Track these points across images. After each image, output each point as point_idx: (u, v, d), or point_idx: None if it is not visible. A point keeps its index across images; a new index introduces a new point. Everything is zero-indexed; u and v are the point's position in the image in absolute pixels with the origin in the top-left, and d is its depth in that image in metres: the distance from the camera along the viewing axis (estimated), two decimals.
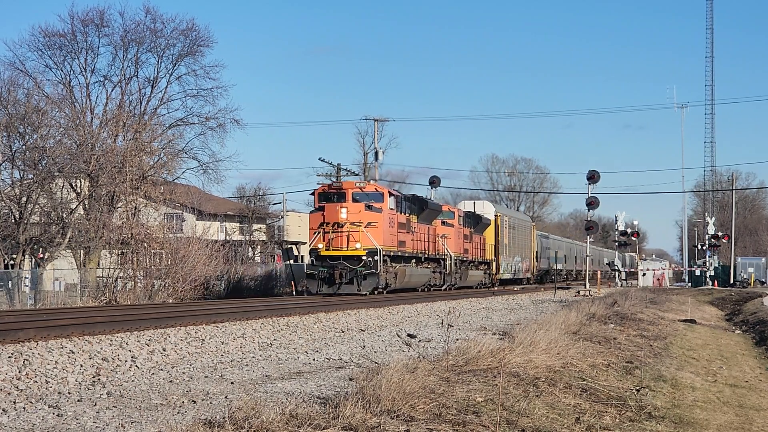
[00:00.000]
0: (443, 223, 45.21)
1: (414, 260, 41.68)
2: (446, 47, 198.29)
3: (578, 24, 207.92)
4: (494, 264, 57.64)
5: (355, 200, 36.11)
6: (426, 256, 43.30)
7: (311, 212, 38.19)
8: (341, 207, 35.52)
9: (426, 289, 44.17)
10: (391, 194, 38.90)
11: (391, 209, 38.18)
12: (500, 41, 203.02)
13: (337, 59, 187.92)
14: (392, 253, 37.96)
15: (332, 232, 35.34)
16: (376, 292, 37.24)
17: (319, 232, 35.40)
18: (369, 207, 36.39)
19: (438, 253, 45.66)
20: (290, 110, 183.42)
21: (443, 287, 44.96)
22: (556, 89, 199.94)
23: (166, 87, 52.18)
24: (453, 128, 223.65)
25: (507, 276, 61.03)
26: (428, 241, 43.98)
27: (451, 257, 46.02)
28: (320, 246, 35.18)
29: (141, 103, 50.50)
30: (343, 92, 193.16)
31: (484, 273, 54.94)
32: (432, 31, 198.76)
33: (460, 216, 48.82)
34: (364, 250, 35.10)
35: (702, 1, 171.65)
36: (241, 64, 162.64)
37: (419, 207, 43.06)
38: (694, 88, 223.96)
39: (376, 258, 34.93)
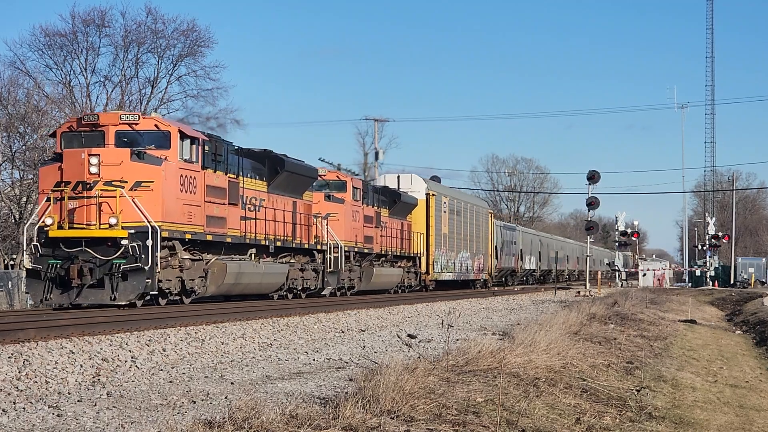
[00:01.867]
0: (328, 197, 33.16)
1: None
2: (446, 47, 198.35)
3: (578, 24, 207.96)
4: (424, 260, 44.16)
5: (122, 143, 22.71)
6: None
7: (41, 165, 25.54)
8: (92, 154, 21.80)
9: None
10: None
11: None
12: (500, 41, 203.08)
13: (338, 59, 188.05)
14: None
15: (73, 198, 21.86)
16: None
17: (50, 199, 21.94)
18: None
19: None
20: (290, 110, 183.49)
21: (325, 292, 32.86)
22: (556, 89, 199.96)
23: (167, 87, 52.19)
24: (453, 128, 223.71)
25: (447, 276, 47.65)
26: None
27: (338, 247, 32.37)
28: (49, 221, 21.77)
29: (141, 103, 50.53)
30: (343, 92, 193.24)
31: (406, 271, 41.82)
32: (432, 31, 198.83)
33: (355, 189, 35.29)
34: (126, 229, 21.44)
35: (702, 1, 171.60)
36: (241, 65, 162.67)
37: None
38: (695, 88, 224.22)
39: (149, 243, 21.44)
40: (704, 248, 78.63)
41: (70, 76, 50.05)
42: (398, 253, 40.48)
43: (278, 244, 29.11)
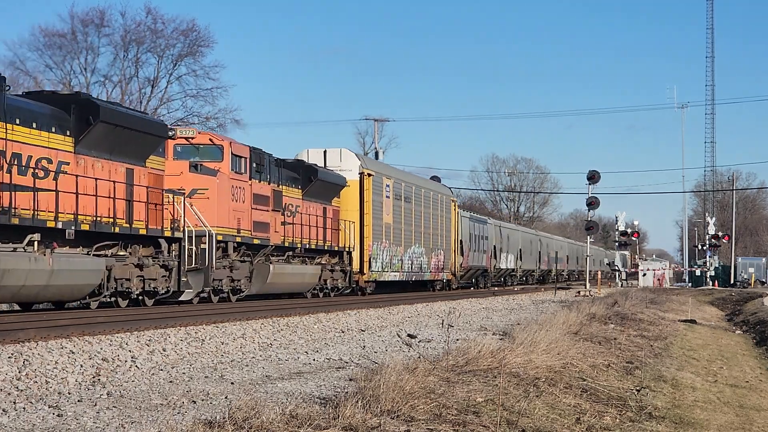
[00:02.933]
0: (195, 168, 25.66)
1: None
2: (446, 47, 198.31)
3: (578, 24, 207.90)
4: (356, 255, 35.68)
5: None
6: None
7: None
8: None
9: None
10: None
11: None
12: (500, 42, 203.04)
13: (338, 59, 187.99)
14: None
15: None
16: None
17: None
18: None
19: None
20: (290, 110, 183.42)
21: (184, 297, 24.70)
22: (556, 89, 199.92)
23: (167, 87, 52.26)
24: (453, 128, 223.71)
25: (391, 276, 39.42)
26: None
27: (206, 235, 24.67)
28: None
29: (141, 103, 50.57)
30: (344, 92, 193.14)
31: (329, 270, 33.72)
32: (432, 32, 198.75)
33: (238, 158, 27.13)
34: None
35: (702, 1, 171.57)
36: (241, 65, 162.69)
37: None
38: (695, 88, 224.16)
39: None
40: (704, 248, 78.65)
41: (70, 76, 50.14)
42: (316, 246, 32.25)
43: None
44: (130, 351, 13.08)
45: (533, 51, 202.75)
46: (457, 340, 15.94)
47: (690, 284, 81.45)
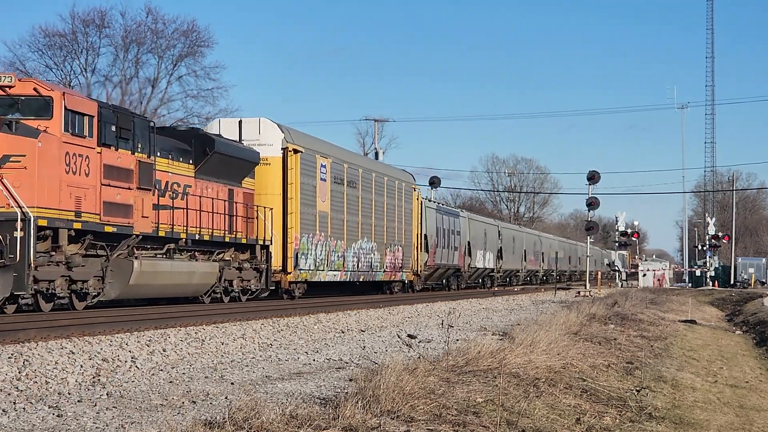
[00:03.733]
0: (9, 126, 18.72)
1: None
2: (447, 47, 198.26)
3: (578, 24, 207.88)
4: (277, 250, 29.09)
5: None
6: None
7: None
8: None
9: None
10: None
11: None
12: (500, 42, 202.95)
13: (338, 59, 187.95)
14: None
15: None
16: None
17: None
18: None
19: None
20: (290, 110, 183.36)
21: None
22: (556, 90, 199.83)
23: (167, 87, 52.26)
24: (453, 128, 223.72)
25: (329, 275, 32.36)
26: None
27: (26, 219, 18.34)
28: None
29: (141, 103, 50.60)
30: (344, 92, 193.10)
31: (236, 267, 26.87)
32: (432, 32, 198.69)
33: (77, 115, 20.11)
34: None
35: (702, 2, 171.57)
36: (241, 65, 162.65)
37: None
38: (695, 88, 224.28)
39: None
40: (704, 248, 78.66)
41: (70, 77, 50.14)
42: (213, 238, 25.37)
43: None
44: (130, 351, 13.08)
45: (533, 51, 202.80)
46: (457, 340, 15.95)
47: (690, 284, 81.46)
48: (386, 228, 37.78)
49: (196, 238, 24.59)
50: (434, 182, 57.90)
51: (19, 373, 10.63)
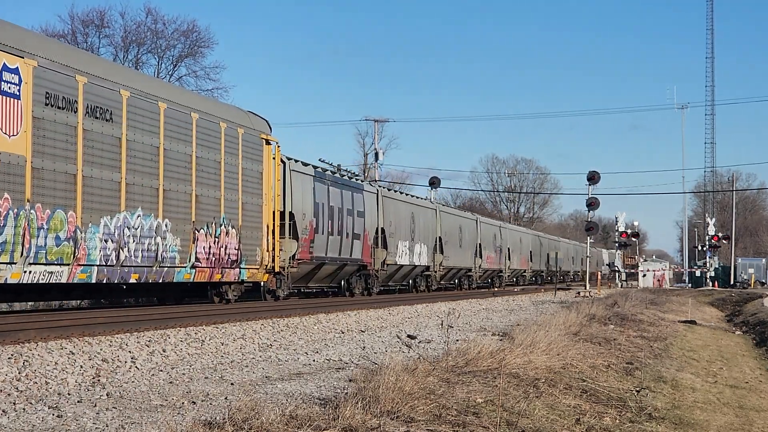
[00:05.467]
0: None
1: None
2: (447, 47, 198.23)
3: (578, 25, 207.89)
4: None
5: None
6: None
7: None
8: None
9: None
10: None
11: None
12: (500, 42, 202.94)
13: (338, 59, 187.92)
14: None
15: None
16: None
17: None
18: None
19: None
20: (290, 111, 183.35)
21: None
22: (555, 90, 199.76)
23: None
24: (453, 128, 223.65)
25: (34, 273, 17.45)
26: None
27: None
28: None
29: None
30: (343, 92, 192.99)
31: None
32: (432, 32, 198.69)
33: None
34: None
35: (702, 1, 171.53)
36: (241, 65, 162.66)
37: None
38: (695, 88, 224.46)
39: None
40: (704, 249, 78.67)
41: None
42: None
43: None
44: (130, 352, 13.09)
45: (533, 51, 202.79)
46: (457, 340, 15.95)
47: (690, 285, 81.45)
48: (197, 196, 23.55)
49: None
50: (434, 182, 57.94)
51: (19, 373, 10.64)
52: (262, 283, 27.55)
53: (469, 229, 52.62)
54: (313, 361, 13.21)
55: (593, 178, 53.59)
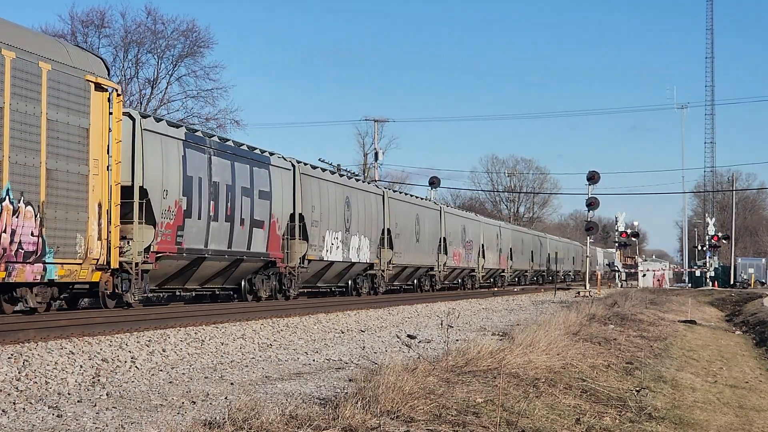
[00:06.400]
0: None
1: None
2: (447, 47, 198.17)
3: (578, 25, 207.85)
4: None
5: None
6: None
7: None
8: None
9: None
10: None
11: None
12: (500, 42, 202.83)
13: (338, 59, 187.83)
14: None
15: None
16: None
17: None
18: None
19: None
20: (290, 110, 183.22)
21: None
22: (555, 90, 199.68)
23: (167, 88, 52.11)
24: (453, 128, 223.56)
25: None
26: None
27: None
28: None
29: (141, 103, 50.54)
30: (344, 92, 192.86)
31: None
32: (432, 32, 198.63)
33: None
34: None
35: (702, 1, 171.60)
36: (241, 65, 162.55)
37: None
38: (695, 88, 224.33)
39: None
40: (704, 249, 78.68)
41: None
42: None
43: None
44: (129, 351, 13.09)
45: (533, 51, 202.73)
46: (457, 340, 15.95)
47: (690, 285, 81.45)
48: None
49: None
50: (434, 182, 58.00)
51: (19, 373, 10.64)
52: (66, 281, 19.27)
53: (429, 220, 45.19)
54: (313, 360, 13.20)
55: (593, 178, 53.59)
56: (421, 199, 47.26)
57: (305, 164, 31.63)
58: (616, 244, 74.20)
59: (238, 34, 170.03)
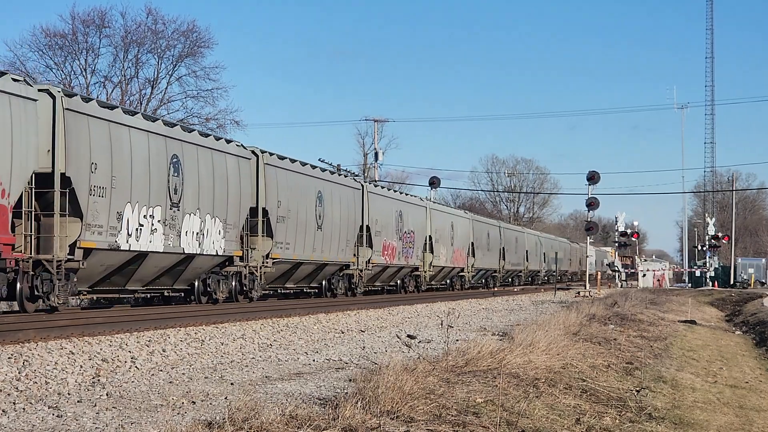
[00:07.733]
0: None
1: None
2: (447, 48, 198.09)
3: (578, 25, 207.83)
4: None
5: None
6: None
7: None
8: None
9: None
10: None
11: None
12: (501, 42, 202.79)
13: (338, 59, 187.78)
14: None
15: None
16: None
17: None
18: None
19: None
20: (290, 110, 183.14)
21: None
22: (555, 90, 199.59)
23: (167, 88, 52.11)
24: (453, 128, 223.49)
25: None
26: None
27: None
28: None
29: (141, 103, 50.53)
30: (343, 92, 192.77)
31: None
32: (432, 32, 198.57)
33: None
34: None
35: (702, 1, 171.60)
36: (241, 65, 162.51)
37: None
38: (695, 88, 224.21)
39: None
40: (704, 249, 78.66)
41: (70, 77, 50.08)
42: None
43: None
44: (129, 352, 13.08)
45: (533, 52, 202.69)
46: (457, 340, 15.95)
47: (690, 285, 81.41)
48: None
49: None
50: (434, 182, 57.97)
51: (19, 373, 10.64)
52: None
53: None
54: (313, 360, 13.20)
55: (593, 178, 53.57)
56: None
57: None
58: (616, 244, 74.16)
59: (238, 34, 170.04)
